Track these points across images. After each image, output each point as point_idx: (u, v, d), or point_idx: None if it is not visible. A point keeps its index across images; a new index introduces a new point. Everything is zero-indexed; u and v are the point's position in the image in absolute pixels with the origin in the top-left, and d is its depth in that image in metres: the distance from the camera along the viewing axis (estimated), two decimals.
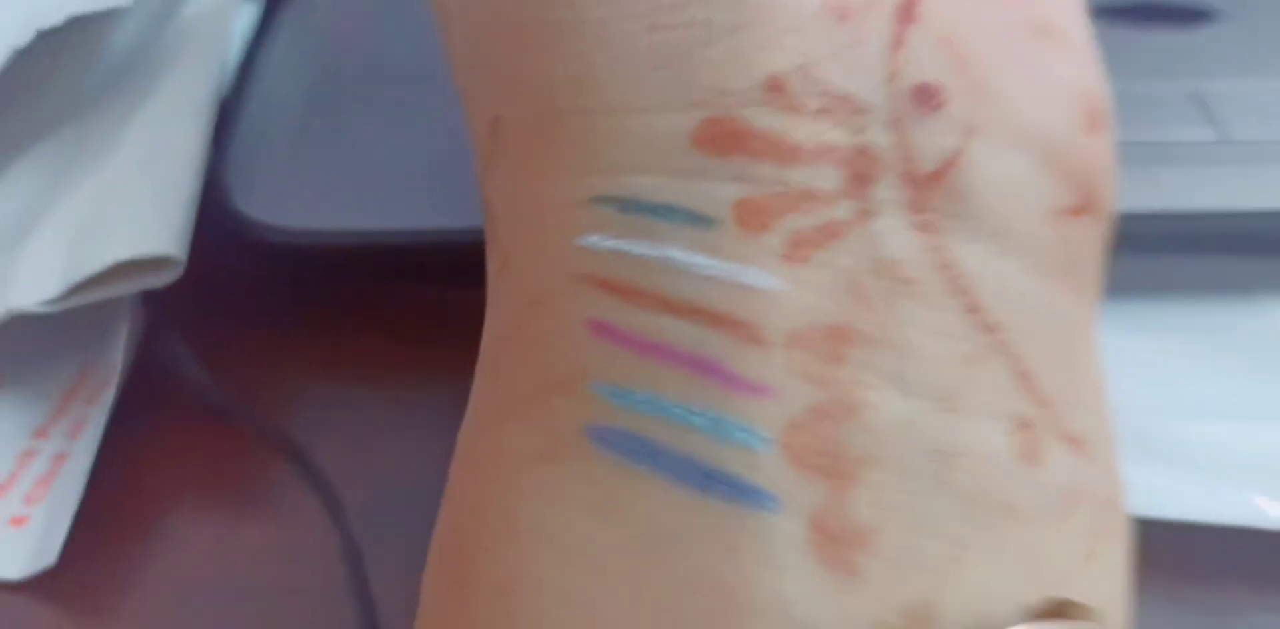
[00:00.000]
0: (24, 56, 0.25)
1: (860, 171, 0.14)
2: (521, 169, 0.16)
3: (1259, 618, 0.22)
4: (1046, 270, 0.15)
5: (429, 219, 0.25)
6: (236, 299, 0.27)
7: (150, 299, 0.25)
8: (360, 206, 0.26)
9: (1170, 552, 0.22)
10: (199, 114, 0.26)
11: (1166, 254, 0.26)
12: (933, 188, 0.15)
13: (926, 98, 0.15)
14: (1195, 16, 0.29)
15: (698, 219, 0.14)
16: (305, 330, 0.27)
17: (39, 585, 0.22)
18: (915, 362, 0.14)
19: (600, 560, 0.14)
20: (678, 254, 0.14)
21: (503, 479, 0.15)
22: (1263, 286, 0.26)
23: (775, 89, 0.14)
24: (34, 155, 0.27)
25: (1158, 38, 0.29)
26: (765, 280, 0.14)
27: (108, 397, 0.24)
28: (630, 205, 0.15)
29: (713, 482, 0.13)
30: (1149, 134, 0.26)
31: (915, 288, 0.14)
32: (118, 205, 0.24)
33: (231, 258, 0.26)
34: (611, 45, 0.15)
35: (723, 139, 0.14)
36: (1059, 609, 0.14)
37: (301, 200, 0.26)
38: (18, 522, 0.23)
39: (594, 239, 0.15)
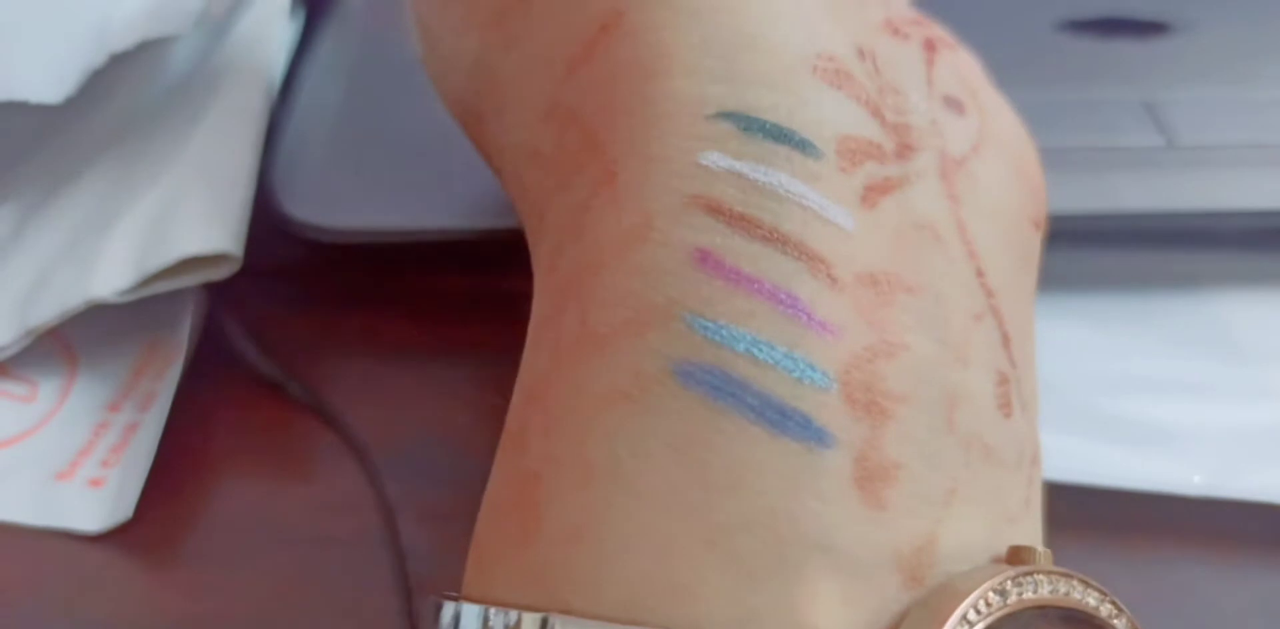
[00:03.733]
0: (95, 73, 0.26)
1: (905, 142, 0.16)
2: (633, 67, 0.16)
3: (1187, 572, 0.23)
4: (1018, 259, 0.17)
5: (456, 218, 0.26)
6: (284, 286, 0.28)
7: (210, 287, 0.26)
8: (392, 207, 0.27)
9: (1104, 514, 0.23)
10: (251, 124, 0.27)
11: (1118, 251, 0.27)
12: (958, 169, 0.16)
13: (953, 104, 0.17)
14: (1153, 29, 0.30)
15: (807, 147, 0.15)
16: (344, 313, 0.28)
17: (115, 537, 0.23)
18: (942, 310, 0.15)
19: (674, 500, 0.13)
20: (785, 181, 0.14)
21: (579, 422, 0.14)
22: (1204, 280, 0.27)
23: (862, 56, 0.16)
24: (104, 162, 0.27)
25: (1117, 48, 0.30)
26: (847, 220, 0.14)
27: (173, 373, 0.25)
28: (751, 124, 0.15)
29: (787, 421, 0.13)
30: (1104, 140, 0.27)
31: (944, 246, 0.15)
32: (183, 208, 0.25)
33: (279, 251, 0.27)
34: None
35: (835, 74, 0.15)
36: (1016, 554, 0.14)
37: (340, 201, 0.27)
38: (96, 483, 0.24)
39: (714, 157, 0.14)
